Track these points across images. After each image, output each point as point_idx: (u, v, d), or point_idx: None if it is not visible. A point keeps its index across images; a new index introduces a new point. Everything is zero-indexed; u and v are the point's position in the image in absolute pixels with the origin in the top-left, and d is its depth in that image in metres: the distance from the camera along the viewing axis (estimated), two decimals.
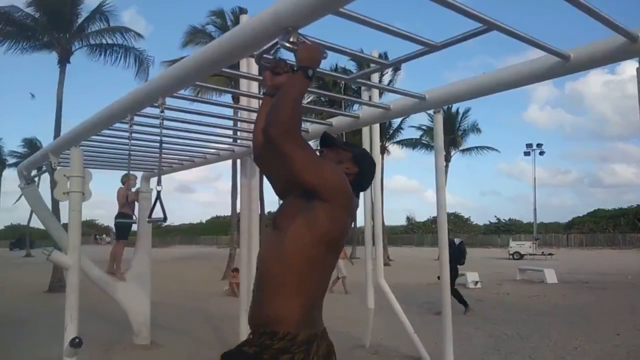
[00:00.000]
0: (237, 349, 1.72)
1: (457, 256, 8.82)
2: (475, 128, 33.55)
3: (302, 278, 1.67)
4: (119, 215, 7.21)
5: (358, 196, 1.94)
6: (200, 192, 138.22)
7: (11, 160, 39.64)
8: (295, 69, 1.74)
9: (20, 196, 5.38)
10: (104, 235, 66.51)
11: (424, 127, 32.26)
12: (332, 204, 1.69)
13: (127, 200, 7.06)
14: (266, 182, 2.23)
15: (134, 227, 7.01)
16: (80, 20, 15.73)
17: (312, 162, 1.69)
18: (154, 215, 2.66)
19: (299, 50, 1.71)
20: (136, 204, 6.97)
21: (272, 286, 1.68)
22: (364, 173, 1.96)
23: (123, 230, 7.46)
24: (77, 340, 3.16)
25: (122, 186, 7.15)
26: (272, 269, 1.69)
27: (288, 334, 1.60)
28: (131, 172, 6.78)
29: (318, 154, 1.89)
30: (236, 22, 17.52)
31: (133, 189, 7.04)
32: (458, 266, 9.09)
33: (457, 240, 9.45)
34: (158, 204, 2.68)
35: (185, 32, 19.81)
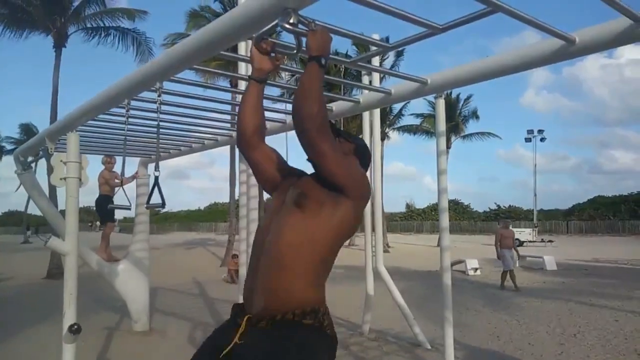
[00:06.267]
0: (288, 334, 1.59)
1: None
2: (474, 115, 33.37)
3: (325, 264, 1.71)
4: (107, 198, 7.04)
5: None
6: (194, 179, 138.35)
7: (8, 147, 39.49)
8: (305, 56, 1.68)
9: (21, 184, 5.31)
10: (98, 222, 66.05)
11: (424, 115, 32.10)
12: (358, 202, 1.72)
13: (122, 184, 6.96)
14: None
15: (131, 213, 6.93)
16: (76, 4, 15.51)
17: (342, 160, 1.71)
18: (152, 201, 2.63)
19: (309, 38, 1.65)
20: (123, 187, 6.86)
21: (297, 268, 1.64)
22: (364, 167, 1.96)
23: (110, 213, 7.32)
24: (75, 327, 3.14)
25: (105, 169, 7.02)
26: (297, 252, 1.64)
27: (318, 311, 1.64)
28: (109, 155, 6.67)
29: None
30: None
31: (127, 174, 6.90)
32: None
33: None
34: (156, 189, 2.65)
35: (187, 15, 19.50)
